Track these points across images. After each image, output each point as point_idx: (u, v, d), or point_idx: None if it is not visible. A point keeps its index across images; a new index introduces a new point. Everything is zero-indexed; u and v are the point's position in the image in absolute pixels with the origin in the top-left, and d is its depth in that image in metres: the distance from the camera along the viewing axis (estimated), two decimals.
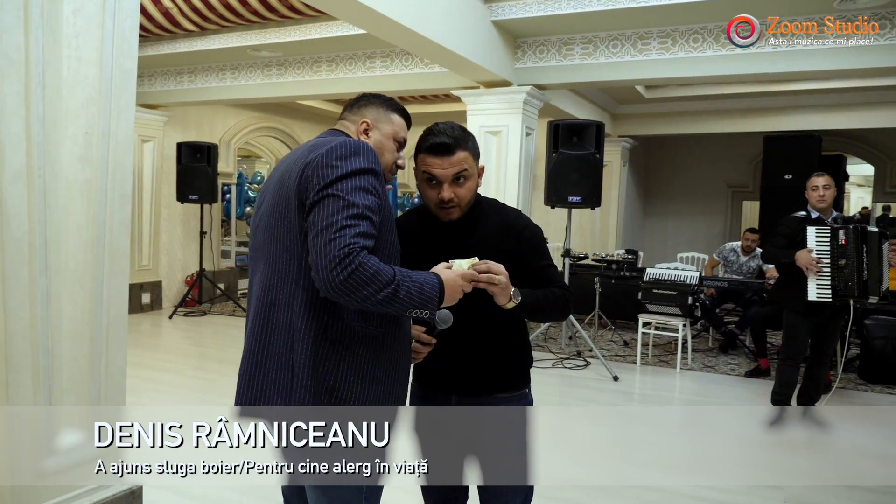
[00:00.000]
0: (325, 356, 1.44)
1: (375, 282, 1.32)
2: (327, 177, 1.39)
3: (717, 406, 4.87)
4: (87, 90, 2.15)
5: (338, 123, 1.69)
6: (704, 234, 10.53)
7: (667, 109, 8.78)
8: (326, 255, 1.31)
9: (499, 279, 1.59)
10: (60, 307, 2.15)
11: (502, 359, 1.80)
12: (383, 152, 1.64)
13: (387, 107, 1.69)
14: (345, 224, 1.33)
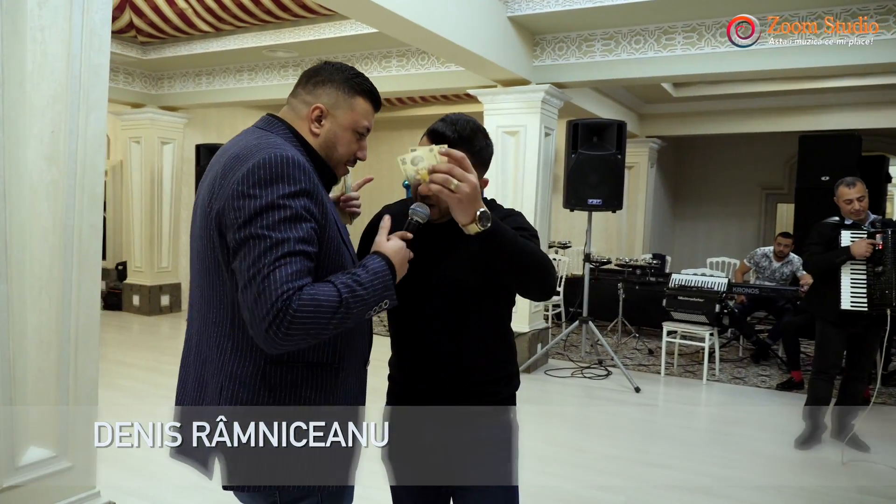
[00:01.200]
0: (267, 402, 1.25)
1: (321, 317, 1.16)
2: (246, 211, 1.18)
3: (743, 421, 4.59)
4: (54, 86, 2.04)
5: (286, 105, 1.43)
6: (737, 238, 10.15)
7: (696, 108, 8.46)
8: (258, 315, 1.14)
9: (458, 185, 1.30)
10: (24, 315, 2.04)
11: (485, 372, 1.62)
12: (336, 145, 1.39)
13: (348, 88, 1.39)
14: (271, 269, 1.15)
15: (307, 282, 1.18)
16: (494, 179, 5.70)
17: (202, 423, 1.30)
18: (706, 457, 3.87)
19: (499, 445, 1.63)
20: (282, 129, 1.36)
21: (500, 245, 1.38)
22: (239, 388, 1.25)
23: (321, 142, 1.39)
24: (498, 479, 1.64)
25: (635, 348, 6.77)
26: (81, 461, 2.22)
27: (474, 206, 1.32)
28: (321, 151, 1.39)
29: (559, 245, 7.87)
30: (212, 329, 1.28)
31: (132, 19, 5.98)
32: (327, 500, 1.34)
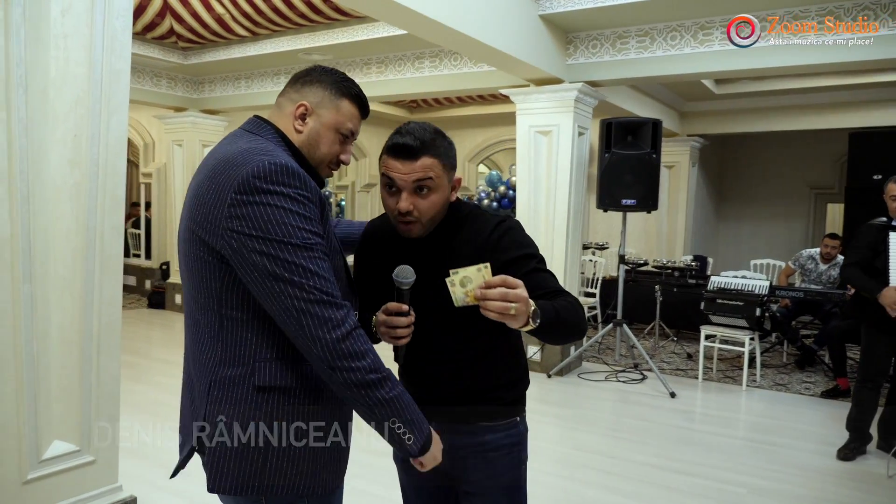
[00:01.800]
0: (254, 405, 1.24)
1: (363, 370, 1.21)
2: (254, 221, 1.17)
3: (783, 430, 4.42)
4: (76, 91, 2.10)
5: (276, 102, 1.41)
6: (784, 239, 9.81)
7: (740, 106, 8.21)
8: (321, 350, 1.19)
9: (515, 306, 1.26)
10: (48, 314, 2.10)
11: (487, 380, 1.58)
12: (318, 144, 1.37)
13: (336, 90, 1.37)
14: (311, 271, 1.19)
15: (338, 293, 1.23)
16: (527, 180, 5.65)
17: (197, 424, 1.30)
18: (741, 466, 3.75)
19: (505, 450, 1.60)
20: (270, 132, 1.35)
21: (549, 331, 1.39)
22: (228, 388, 1.24)
23: (304, 139, 1.37)
24: (504, 483, 1.61)
25: (673, 352, 6.61)
26: (104, 456, 2.28)
27: (528, 310, 1.30)
28: (304, 149, 1.38)
29: (596, 246, 7.75)
30: (201, 331, 1.28)
31: (173, 25, 6.14)
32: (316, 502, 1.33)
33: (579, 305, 1.48)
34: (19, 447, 2.05)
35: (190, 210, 1.27)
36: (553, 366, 5.60)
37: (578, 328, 1.47)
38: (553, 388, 5.31)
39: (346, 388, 1.21)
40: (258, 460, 1.24)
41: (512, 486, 1.63)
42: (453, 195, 1.53)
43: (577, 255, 5.91)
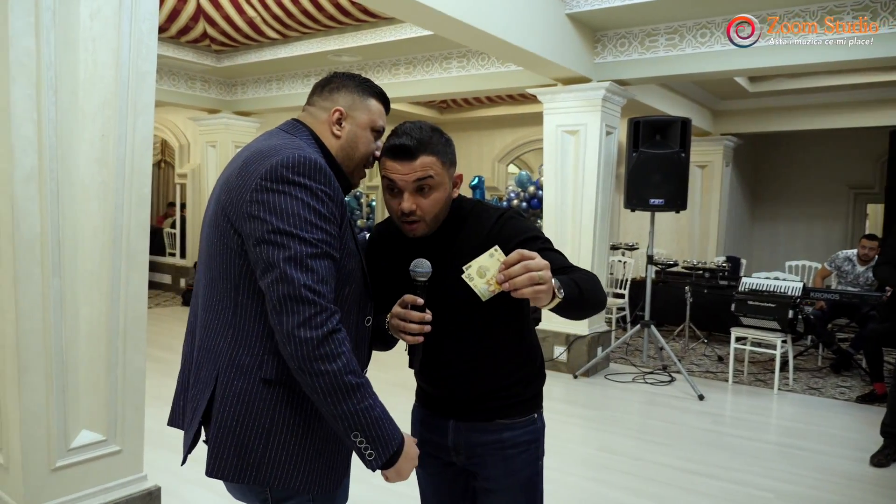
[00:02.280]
0: (259, 396, 1.26)
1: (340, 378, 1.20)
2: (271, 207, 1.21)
3: (815, 434, 4.32)
4: (104, 93, 2.17)
5: (304, 110, 1.47)
6: (822, 240, 9.57)
7: (775, 104, 8.03)
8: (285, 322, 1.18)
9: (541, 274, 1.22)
10: (76, 308, 2.17)
11: (503, 378, 1.58)
12: (357, 145, 1.43)
13: (362, 91, 1.45)
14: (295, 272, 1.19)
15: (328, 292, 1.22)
16: (554, 179, 5.63)
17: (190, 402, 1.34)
18: (770, 470, 3.67)
19: (523, 446, 1.60)
20: (305, 134, 1.40)
21: (573, 305, 1.35)
22: (235, 378, 1.27)
23: (343, 143, 1.42)
24: (522, 479, 1.61)
25: (704, 355, 6.50)
26: (129, 446, 2.35)
27: (552, 284, 1.26)
28: (342, 153, 1.42)
29: (626, 247, 7.67)
30: (213, 316, 1.31)
31: (206, 29, 6.28)
32: (319, 499, 1.35)
33: (595, 276, 1.47)
34: (48, 436, 2.13)
35: (218, 196, 1.31)
36: (580, 366, 5.57)
37: (598, 299, 1.44)
38: (579, 389, 5.27)
39: (313, 392, 1.21)
40: (258, 451, 1.26)
41: (529, 482, 1.62)
42: (455, 192, 1.54)
43: (604, 255, 5.86)
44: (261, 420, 1.26)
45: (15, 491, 2.13)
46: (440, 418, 1.64)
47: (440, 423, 1.63)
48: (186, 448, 1.36)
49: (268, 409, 1.26)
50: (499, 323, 1.56)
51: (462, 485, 1.69)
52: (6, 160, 1.98)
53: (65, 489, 2.18)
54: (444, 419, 1.63)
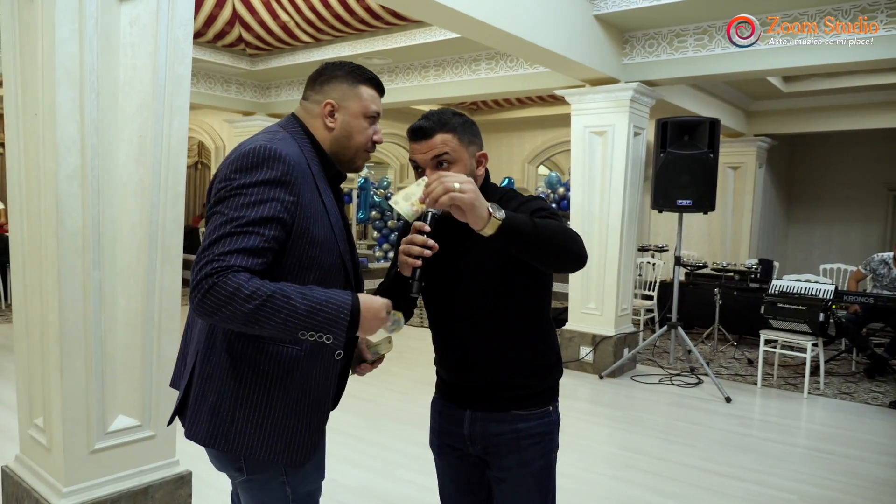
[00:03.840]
0: (228, 371, 1.36)
1: (236, 298, 1.21)
2: (221, 192, 1.31)
3: (845, 439, 4.26)
4: (142, 95, 2.28)
5: (300, 104, 1.54)
6: (859, 243, 9.35)
7: (811, 104, 7.90)
8: (192, 276, 1.25)
9: (460, 185, 1.29)
10: (115, 299, 2.30)
11: (518, 370, 1.62)
12: (352, 134, 1.48)
13: (352, 80, 1.48)
14: (214, 239, 1.25)
15: (252, 261, 1.25)
16: (582, 180, 5.64)
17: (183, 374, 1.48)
18: (797, 474, 3.64)
19: (537, 438, 1.64)
20: (295, 128, 1.48)
21: (520, 234, 1.36)
22: (209, 352, 1.38)
23: (337, 133, 1.48)
24: (535, 470, 1.64)
25: (733, 358, 6.43)
26: (163, 432, 2.46)
27: (482, 203, 1.32)
28: (336, 143, 1.49)
29: (655, 248, 7.62)
30: None
31: (241, 34, 6.46)
32: (292, 474, 1.44)
33: (571, 230, 1.46)
34: (87, 419, 2.25)
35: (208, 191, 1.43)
36: (605, 367, 5.57)
37: (563, 240, 1.41)
38: (605, 390, 5.28)
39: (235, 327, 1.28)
40: (227, 420, 1.36)
41: (542, 473, 1.66)
42: (480, 169, 1.60)
43: (631, 256, 5.85)
44: (229, 392, 1.36)
45: (56, 471, 2.26)
46: (457, 408, 1.68)
47: (457, 413, 1.68)
48: (173, 412, 1.50)
49: (235, 383, 1.36)
50: (516, 311, 1.60)
51: (479, 475, 1.72)
52: (51, 159, 2.11)
53: (102, 470, 2.30)
54: (460, 409, 1.68)
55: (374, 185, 10.88)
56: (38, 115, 2.17)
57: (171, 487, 2.47)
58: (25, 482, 2.38)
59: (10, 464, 2.53)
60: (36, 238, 2.26)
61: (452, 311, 1.61)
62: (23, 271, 2.38)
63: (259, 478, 1.43)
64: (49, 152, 2.12)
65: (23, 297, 2.40)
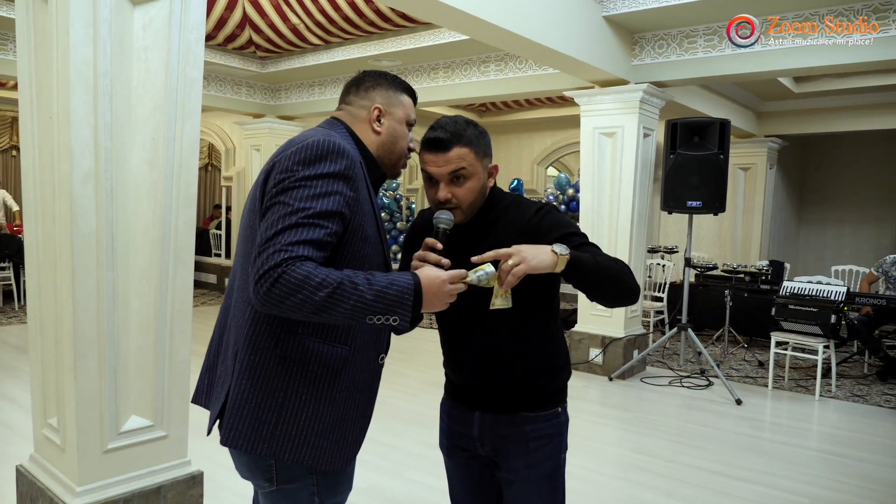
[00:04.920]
0: (274, 372, 1.34)
1: (306, 287, 1.20)
2: (283, 182, 1.29)
3: (857, 441, 4.23)
4: (155, 99, 2.31)
5: (341, 108, 1.55)
6: (871, 245, 9.28)
7: (822, 105, 7.85)
8: (255, 267, 1.23)
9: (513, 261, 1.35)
10: (128, 300, 2.32)
11: (527, 371, 1.63)
12: (397, 139, 1.52)
13: (395, 87, 1.54)
14: (280, 229, 1.24)
15: (317, 254, 1.25)
16: (591, 182, 5.64)
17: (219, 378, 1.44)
18: (808, 476, 3.62)
19: (546, 439, 1.64)
20: (341, 130, 1.49)
21: (582, 269, 1.43)
22: (252, 353, 1.34)
23: (385, 138, 1.51)
24: (545, 472, 1.65)
25: (744, 360, 6.40)
26: (175, 432, 2.48)
27: (544, 252, 1.39)
28: (384, 148, 1.51)
29: (665, 250, 7.60)
30: (239, 296, 1.41)
31: (251, 36, 6.49)
32: (323, 485, 1.42)
33: (624, 263, 1.51)
34: (101, 419, 2.27)
35: (257, 183, 1.40)
36: (615, 369, 5.55)
37: (623, 280, 1.47)
38: (615, 391, 5.26)
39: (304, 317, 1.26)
40: (270, 423, 1.34)
41: (551, 475, 1.66)
42: (490, 181, 1.62)
43: (641, 257, 5.84)
44: (275, 395, 1.34)
45: (70, 470, 2.29)
46: (466, 410, 1.69)
47: (466, 414, 1.69)
48: (212, 421, 1.45)
49: (282, 385, 1.34)
50: (527, 315, 1.60)
51: (489, 477, 1.73)
52: (66, 162, 2.14)
53: (115, 470, 2.32)
54: (470, 411, 1.68)
55: (383, 186, 10.91)
56: (53, 119, 2.19)
57: (183, 487, 2.49)
58: (40, 481, 2.41)
59: (25, 463, 2.56)
60: (50, 240, 2.29)
61: (463, 313, 1.62)
62: (37, 273, 2.41)
63: (289, 488, 1.40)
64: (63, 155, 2.15)
65: (37, 298, 2.42)
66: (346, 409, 1.41)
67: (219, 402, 1.41)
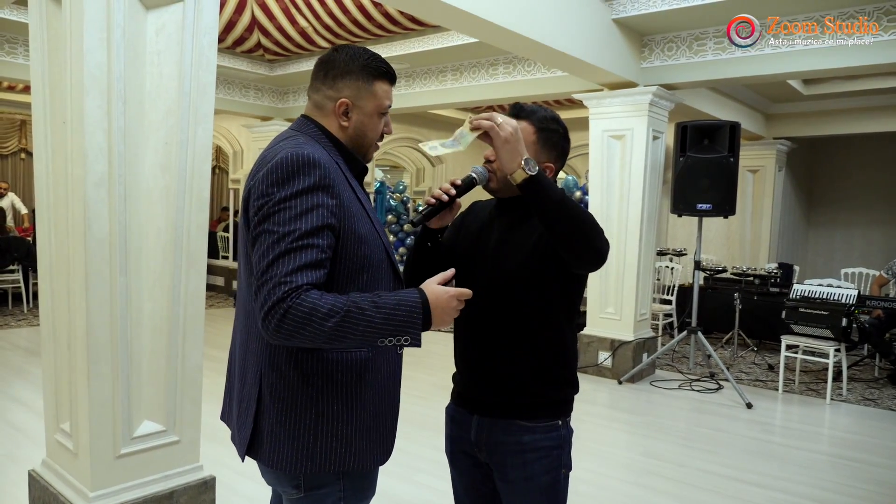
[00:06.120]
0: (300, 391, 1.33)
1: (314, 319, 1.18)
2: (263, 209, 1.26)
3: (869, 446, 4.19)
4: (168, 103, 2.31)
5: (310, 101, 1.47)
6: (881, 247, 9.22)
7: (832, 106, 7.81)
8: (258, 304, 1.21)
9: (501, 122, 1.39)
10: (141, 304, 2.32)
11: (531, 374, 1.58)
12: (365, 132, 1.45)
13: (367, 75, 1.42)
14: (272, 259, 1.21)
15: (315, 275, 1.23)
16: (600, 184, 5.62)
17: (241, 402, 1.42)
18: (820, 481, 3.59)
19: (544, 451, 1.59)
20: (312, 129, 1.43)
21: (545, 195, 1.39)
22: (275, 377, 1.34)
23: (351, 133, 1.44)
24: (542, 485, 1.60)
25: (753, 363, 6.36)
26: (187, 437, 2.48)
27: (518, 149, 1.39)
28: (352, 142, 1.45)
29: (673, 253, 7.57)
30: (252, 320, 1.38)
31: (260, 39, 6.50)
32: (349, 490, 1.41)
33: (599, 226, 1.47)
34: (114, 424, 2.27)
35: (243, 206, 1.38)
36: (624, 372, 5.53)
37: (588, 226, 1.42)
38: (624, 395, 5.24)
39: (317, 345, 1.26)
40: (309, 442, 1.33)
41: (549, 489, 1.60)
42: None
43: (650, 260, 5.81)
44: (307, 413, 1.33)
45: (82, 476, 2.28)
46: (466, 413, 1.67)
47: (466, 418, 1.67)
48: (244, 447, 1.41)
49: (311, 401, 1.33)
50: (542, 315, 1.58)
51: (492, 484, 1.69)
52: (79, 166, 2.14)
53: (128, 475, 2.32)
54: (469, 414, 1.66)
55: (389, 188, 10.90)
56: (67, 123, 2.20)
57: (196, 492, 2.48)
58: (52, 486, 2.41)
59: (37, 468, 2.56)
60: (63, 244, 2.29)
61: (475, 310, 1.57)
62: (50, 277, 2.41)
63: (317, 494, 1.39)
64: (77, 159, 2.15)
65: (50, 302, 2.42)
66: (377, 406, 1.41)
67: (247, 428, 1.38)
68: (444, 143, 1.47)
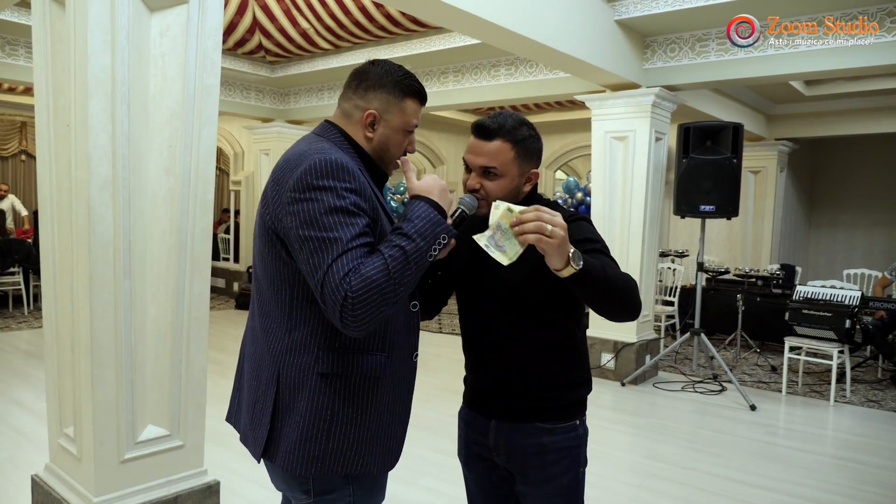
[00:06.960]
0: (318, 390, 1.33)
1: (377, 285, 1.20)
2: (302, 215, 1.25)
3: (873, 447, 4.18)
4: (172, 105, 2.29)
5: (339, 109, 1.48)
6: (883, 248, 9.21)
7: (833, 107, 7.80)
8: (329, 312, 1.22)
9: (553, 229, 1.28)
10: (145, 308, 2.30)
11: (545, 379, 1.59)
12: (388, 147, 1.45)
13: (398, 91, 1.42)
14: (328, 267, 1.21)
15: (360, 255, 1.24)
16: (602, 186, 5.61)
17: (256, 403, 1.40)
18: (824, 483, 3.58)
19: (563, 452, 1.60)
20: (335, 135, 1.43)
21: (593, 282, 1.37)
22: (296, 376, 1.34)
23: (375, 146, 1.45)
24: (562, 485, 1.61)
25: (756, 364, 6.35)
26: (191, 441, 2.47)
27: (566, 248, 1.31)
28: (374, 154, 1.46)
29: (675, 254, 7.56)
30: (271, 321, 1.38)
31: (261, 41, 6.49)
32: (359, 495, 1.41)
33: (632, 278, 1.47)
34: (118, 429, 2.25)
35: (262, 209, 1.38)
36: (627, 374, 5.52)
37: (627, 295, 1.42)
38: (627, 397, 5.23)
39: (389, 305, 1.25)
40: (321, 443, 1.33)
41: (569, 489, 1.62)
42: (527, 187, 1.59)
43: (653, 262, 5.80)
44: (323, 413, 1.33)
45: (87, 481, 2.27)
46: (482, 417, 1.66)
47: (482, 422, 1.66)
48: (259, 447, 1.39)
49: (328, 402, 1.33)
50: (551, 320, 1.58)
51: (507, 488, 1.69)
52: (83, 169, 2.13)
53: (132, 480, 2.31)
54: (485, 419, 1.65)
55: (391, 190, 10.89)
56: (71, 126, 2.18)
57: (200, 497, 2.47)
58: (56, 491, 2.39)
59: (40, 473, 2.54)
60: (67, 247, 2.28)
61: (483, 315, 1.60)
62: (53, 280, 2.40)
63: (327, 499, 1.40)
64: (81, 162, 2.14)
65: (53, 306, 2.41)
66: (390, 412, 1.41)
67: (263, 429, 1.37)
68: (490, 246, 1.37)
